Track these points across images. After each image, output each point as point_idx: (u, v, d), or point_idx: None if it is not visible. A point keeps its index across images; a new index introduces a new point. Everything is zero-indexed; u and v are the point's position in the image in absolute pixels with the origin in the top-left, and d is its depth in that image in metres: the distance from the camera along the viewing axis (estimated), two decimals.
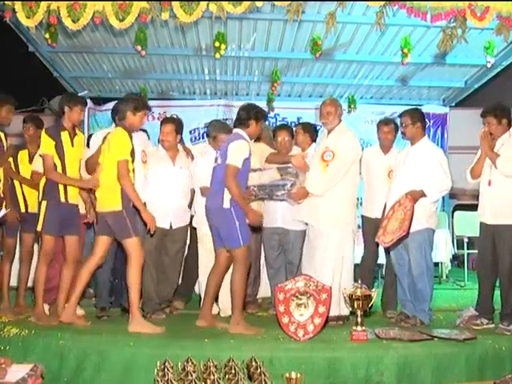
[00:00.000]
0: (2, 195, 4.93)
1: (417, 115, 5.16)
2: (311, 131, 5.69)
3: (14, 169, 5.35)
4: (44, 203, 4.70)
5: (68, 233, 4.80)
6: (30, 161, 5.39)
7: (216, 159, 4.78)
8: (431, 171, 4.92)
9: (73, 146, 4.82)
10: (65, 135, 4.78)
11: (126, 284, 4.59)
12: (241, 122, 4.77)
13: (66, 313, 4.61)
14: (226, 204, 4.55)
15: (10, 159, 5.29)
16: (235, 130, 4.80)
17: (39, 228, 4.70)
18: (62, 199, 4.74)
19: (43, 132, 4.81)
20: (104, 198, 4.59)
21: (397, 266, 5.11)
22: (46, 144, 4.72)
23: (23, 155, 5.45)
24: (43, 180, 4.73)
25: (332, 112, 5.08)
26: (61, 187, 4.73)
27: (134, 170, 4.66)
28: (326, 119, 5.09)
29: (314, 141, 5.61)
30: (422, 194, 4.86)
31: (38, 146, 5.00)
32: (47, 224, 4.68)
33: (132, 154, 4.61)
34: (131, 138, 4.62)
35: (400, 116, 5.27)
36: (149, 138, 5.66)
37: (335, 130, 5.09)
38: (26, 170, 5.39)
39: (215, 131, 5.28)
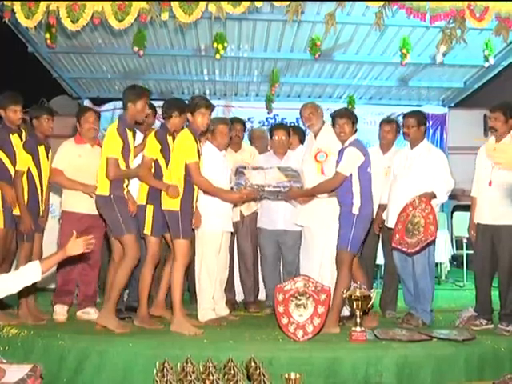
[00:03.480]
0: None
1: (422, 118, 5.15)
2: (300, 133, 5.91)
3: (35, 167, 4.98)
4: None
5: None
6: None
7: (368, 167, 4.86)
8: (437, 173, 4.90)
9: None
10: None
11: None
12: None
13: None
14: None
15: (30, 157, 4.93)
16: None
17: None
18: None
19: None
20: (166, 196, 4.63)
21: (400, 267, 5.10)
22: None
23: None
24: None
25: (314, 113, 5.17)
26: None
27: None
28: (310, 121, 5.16)
29: (302, 143, 5.80)
30: (434, 196, 4.85)
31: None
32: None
33: (198, 153, 4.69)
34: (195, 139, 4.70)
35: (405, 117, 5.22)
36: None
37: (322, 130, 5.17)
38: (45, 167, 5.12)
39: (213, 124, 5.22)
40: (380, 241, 5.57)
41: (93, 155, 5.08)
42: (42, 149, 4.98)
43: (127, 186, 4.63)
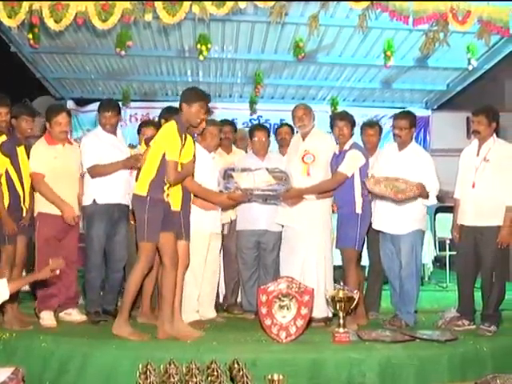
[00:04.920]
0: None
1: (414, 120, 5.09)
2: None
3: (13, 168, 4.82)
4: None
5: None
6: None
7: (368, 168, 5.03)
8: (427, 177, 4.87)
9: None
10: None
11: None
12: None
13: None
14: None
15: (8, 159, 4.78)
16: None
17: None
18: None
19: None
20: (171, 196, 4.52)
21: (387, 268, 5.11)
22: None
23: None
24: None
25: (307, 114, 5.16)
26: None
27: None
28: (303, 122, 5.13)
29: None
30: (426, 196, 4.84)
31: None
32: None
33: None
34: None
35: (396, 118, 5.14)
36: None
37: (312, 132, 5.17)
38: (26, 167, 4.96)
39: None
40: (365, 242, 5.58)
41: (67, 155, 4.97)
42: (21, 150, 4.83)
43: (168, 189, 4.40)
